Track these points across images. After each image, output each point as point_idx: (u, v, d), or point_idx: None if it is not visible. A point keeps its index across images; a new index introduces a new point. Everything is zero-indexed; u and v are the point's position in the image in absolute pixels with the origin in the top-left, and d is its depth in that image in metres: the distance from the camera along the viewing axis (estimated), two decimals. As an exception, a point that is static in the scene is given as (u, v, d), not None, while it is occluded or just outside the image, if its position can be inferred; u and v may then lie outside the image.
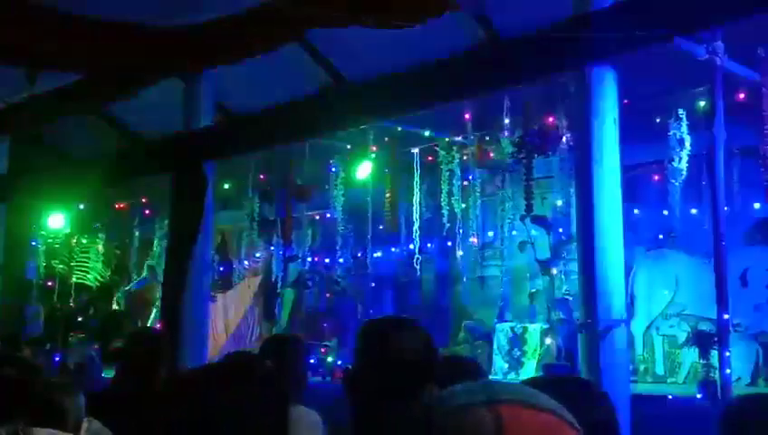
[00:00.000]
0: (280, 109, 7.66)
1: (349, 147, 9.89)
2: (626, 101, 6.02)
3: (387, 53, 6.89)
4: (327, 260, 12.11)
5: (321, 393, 5.30)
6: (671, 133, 7.27)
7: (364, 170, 9.90)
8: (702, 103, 7.32)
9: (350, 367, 2.10)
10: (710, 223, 6.32)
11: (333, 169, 10.19)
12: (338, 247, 10.90)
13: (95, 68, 7.72)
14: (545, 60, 5.82)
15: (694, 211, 8.47)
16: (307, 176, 10.31)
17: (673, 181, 7.27)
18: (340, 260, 11.33)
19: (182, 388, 1.45)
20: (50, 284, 12.79)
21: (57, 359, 9.49)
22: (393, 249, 11.29)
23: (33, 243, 12.31)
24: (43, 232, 12.28)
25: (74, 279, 12.87)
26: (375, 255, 11.11)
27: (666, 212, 8.56)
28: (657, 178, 8.59)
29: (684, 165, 7.17)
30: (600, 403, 1.75)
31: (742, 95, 7.31)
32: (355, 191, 10.24)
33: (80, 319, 12.54)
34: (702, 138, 7.05)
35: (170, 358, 4.34)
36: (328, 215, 10.87)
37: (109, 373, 6.67)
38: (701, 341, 7.19)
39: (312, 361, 9.15)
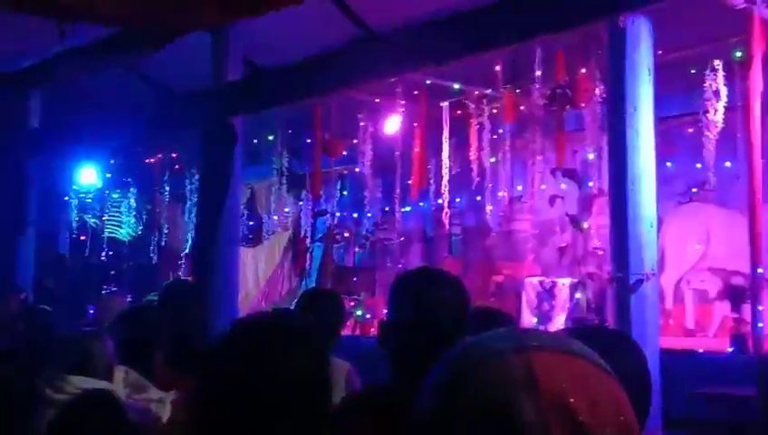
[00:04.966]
0: (308, 62, 7.61)
1: (377, 100, 9.82)
2: (660, 51, 5.91)
3: (415, 4, 6.79)
4: (355, 215, 12.12)
5: (350, 346, 5.35)
6: (706, 84, 7.12)
7: (393, 124, 9.83)
8: (738, 54, 7.15)
9: (384, 320, 2.10)
10: (745, 176, 6.23)
11: (362, 124, 10.13)
12: (366, 202, 10.89)
13: (124, 21, 7.71)
14: (578, 9, 5.71)
15: (728, 164, 8.32)
16: (335, 130, 10.27)
17: (708, 133, 7.13)
18: (369, 214, 11.33)
19: (223, 344, 1.47)
20: (82, 238, 12.95)
21: (91, 311, 9.64)
22: (421, 204, 11.26)
23: (66, 197, 12.44)
24: (75, 187, 12.39)
25: (107, 233, 13.01)
26: (403, 209, 11.09)
27: (699, 165, 8.43)
28: (691, 130, 8.44)
29: (719, 117, 7.02)
30: (632, 354, 1.74)
31: (780, 45, 7.13)
32: (383, 145, 10.18)
33: (112, 272, 12.71)
34: (738, 89, 6.91)
35: (204, 310, 4.40)
36: (356, 169, 10.83)
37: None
38: (733, 295, 7.14)
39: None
